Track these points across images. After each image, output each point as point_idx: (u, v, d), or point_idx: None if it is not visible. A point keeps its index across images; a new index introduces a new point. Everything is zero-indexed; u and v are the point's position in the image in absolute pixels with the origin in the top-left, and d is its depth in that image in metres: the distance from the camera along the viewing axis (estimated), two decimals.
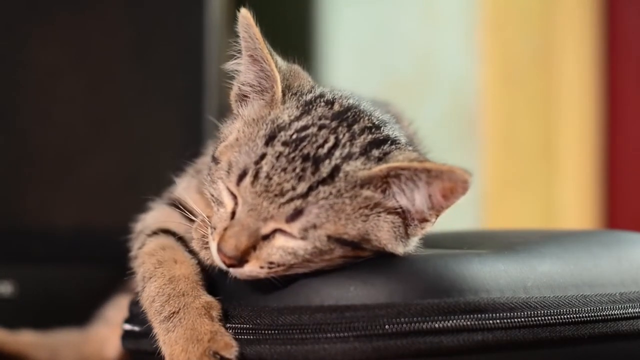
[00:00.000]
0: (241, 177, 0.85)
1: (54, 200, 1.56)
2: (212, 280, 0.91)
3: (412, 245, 0.89)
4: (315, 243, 0.83)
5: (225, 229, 0.85)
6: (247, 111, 0.92)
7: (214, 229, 0.87)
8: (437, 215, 0.87)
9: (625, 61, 2.38)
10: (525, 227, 1.93)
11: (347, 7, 2.27)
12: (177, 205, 0.98)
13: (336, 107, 0.90)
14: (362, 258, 0.86)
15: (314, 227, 0.83)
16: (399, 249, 0.87)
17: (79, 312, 1.32)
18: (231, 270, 0.85)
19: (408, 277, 0.85)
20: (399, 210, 0.86)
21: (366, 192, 0.85)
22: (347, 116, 0.89)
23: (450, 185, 0.84)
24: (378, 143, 0.87)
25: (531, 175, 2.30)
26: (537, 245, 0.95)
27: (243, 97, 0.93)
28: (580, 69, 2.33)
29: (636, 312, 0.92)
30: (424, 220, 0.87)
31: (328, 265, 0.85)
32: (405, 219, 0.87)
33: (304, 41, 2.26)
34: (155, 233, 0.97)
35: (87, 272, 1.07)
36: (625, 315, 0.91)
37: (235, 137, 0.89)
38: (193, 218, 0.93)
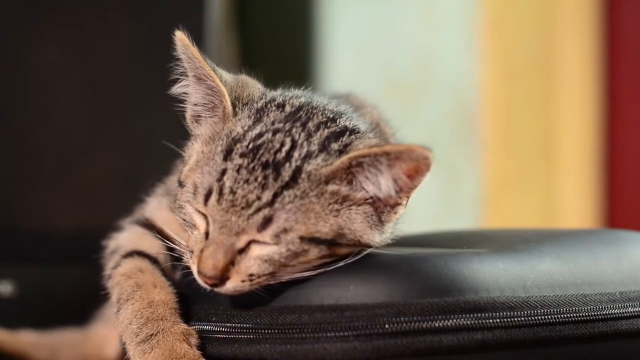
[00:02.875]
0: (207, 196, 0.85)
1: (54, 200, 1.56)
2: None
3: (388, 232, 0.89)
4: (288, 246, 0.83)
5: (202, 250, 0.85)
6: (203, 130, 0.92)
7: (192, 252, 0.87)
8: (408, 197, 0.87)
9: (625, 61, 2.38)
10: (525, 226, 1.93)
11: (347, 7, 2.27)
12: (149, 225, 0.99)
13: (287, 108, 0.90)
14: (340, 257, 0.86)
15: (285, 231, 0.83)
16: (375, 238, 0.87)
17: (79, 312, 1.33)
18: (215, 289, 0.85)
19: (408, 276, 0.85)
20: (369, 199, 0.86)
21: (332, 188, 0.85)
22: (300, 115, 0.89)
23: (412, 164, 0.84)
24: (336, 136, 0.87)
25: (531, 175, 2.29)
26: (536, 244, 0.95)
27: (197, 118, 0.93)
28: (580, 68, 2.33)
29: (636, 311, 0.92)
30: (395, 204, 0.87)
31: (307, 269, 0.85)
32: (377, 207, 0.87)
33: (304, 41, 2.26)
34: (129, 254, 0.97)
35: (87, 272, 1.07)
36: (625, 315, 0.91)
37: (196, 158, 0.89)
38: (166, 242, 0.93)
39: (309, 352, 0.84)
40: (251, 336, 0.86)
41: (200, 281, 0.85)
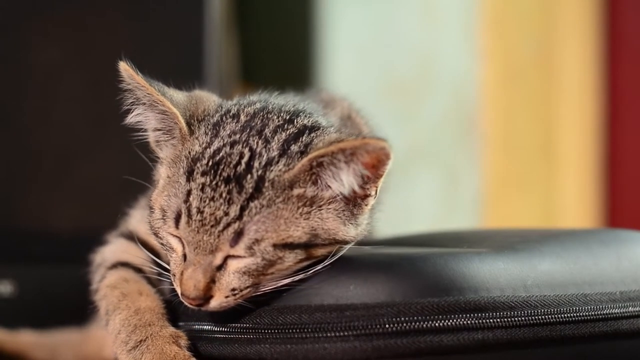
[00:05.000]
0: (177, 219, 0.85)
1: (54, 200, 1.56)
2: None
3: (363, 224, 0.89)
4: (263, 255, 0.83)
5: (182, 273, 0.85)
6: (166, 154, 0.92)
7: (174, 275, 0.87)
8: (376, 187, 0.86)
9: (625, 61, 2.38)
10: (525, 226, 1.93)
11: (347, 7, 2.27)
12: (134, 237, 0.99)
13: (242, 118, 0.89)
14: (320, 258, 0.85)
15: (257, 241, 0.83)
16: (351, 233, 0.87)
17: (79, 312, 1.32)
18: (202, 309, 0.85)
19: (408, 276, 0.85)
20: (337, 196, 0.86)
21: (297, 191, 0.84)
22: (255, 123, 0.88)
23: (372, 156, 0.83)
24: (295, 137, 0.87)
25: (531, 175, 2.30)
26: (537, 244, 0.95)
27: (158, 142, 0.93)
28: (581, 68, 2.33)
29: (636, 311, 0.92)
30: (365, 196, 0.86)
31: (287, 275, 0.85)
32: (347, 202, 0.86)
33: (304, 41, 2.26)
34: (114, 266, 0.97)
35: (87, 272, 1.08)
36: (626, 314, 0.91)
37: (162, 182, 0.89)
38: (150, 266, 0.94)
39: (309, 352, 0.84)
40: (251, 336, 0.86)
41: (185, 303, 0.85)
